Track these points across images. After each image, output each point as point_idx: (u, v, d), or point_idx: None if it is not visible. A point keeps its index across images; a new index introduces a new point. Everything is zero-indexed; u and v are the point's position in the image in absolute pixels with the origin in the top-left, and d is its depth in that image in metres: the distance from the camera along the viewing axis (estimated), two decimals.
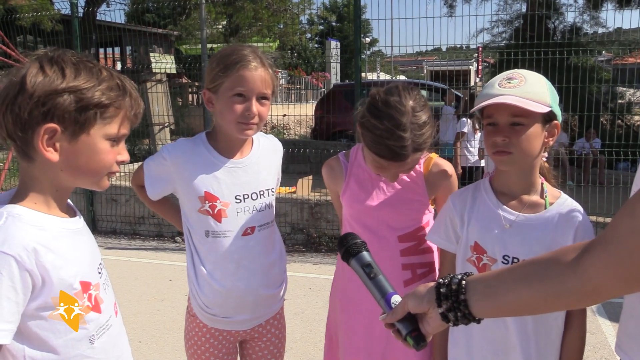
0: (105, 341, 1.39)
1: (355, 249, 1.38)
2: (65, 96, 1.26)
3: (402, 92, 1.78)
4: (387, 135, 1.71)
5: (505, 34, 13.24)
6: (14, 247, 1.21)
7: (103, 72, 1.32)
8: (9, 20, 9.79)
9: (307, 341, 4.13)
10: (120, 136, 1.36)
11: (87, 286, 1.34)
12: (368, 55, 31.79)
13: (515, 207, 1.70)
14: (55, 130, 1.26)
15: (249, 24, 19.42)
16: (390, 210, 1.95)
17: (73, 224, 1.39)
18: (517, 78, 1.62)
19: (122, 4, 19.78)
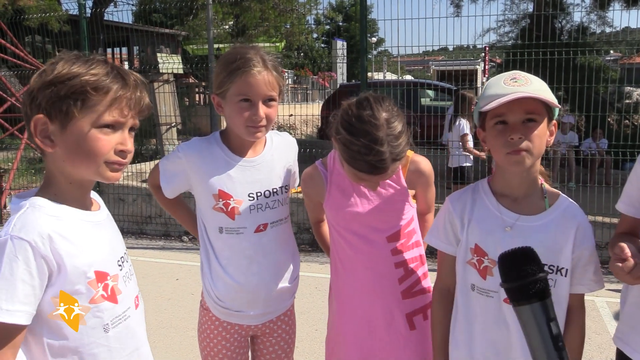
0: (120, 331, 1.43)
1: (540, 288, 0.95)
2: (50, 88, 1.31)
3: (374, 104, 1.76)
4: (365, 151, 1.69)
5: (512, 33, 13.22)
6: (30, 234, 1.27)
7: (95, 64, 1.35)
8: (18, 21, 9.84)
9: (313, 340, 4.15)
10: (114, 123, 1.35)
11: (103, 276, 1.39)
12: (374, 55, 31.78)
13: (515, 209, 1.68)
14: (45, 122, 1.32)
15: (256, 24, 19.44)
16: (375, 213, 1.95)
17: (93, 217, 1.44)
18: (521, 78, 1.62)
19: (130, 4, 19.89)
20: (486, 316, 1.70)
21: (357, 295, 2.02)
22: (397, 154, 1.74)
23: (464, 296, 1.76)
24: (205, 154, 1.97)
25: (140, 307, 1.55)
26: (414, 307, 2.00)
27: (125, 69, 1.42)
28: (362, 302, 2.01)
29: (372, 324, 2.01)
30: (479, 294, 1.71)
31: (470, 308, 1.74)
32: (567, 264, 1.65)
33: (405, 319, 1.99)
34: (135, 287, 1.54)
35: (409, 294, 2.00)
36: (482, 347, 1.72)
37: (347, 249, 2.00)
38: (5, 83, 9.61)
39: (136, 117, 1.41)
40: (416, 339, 2.00)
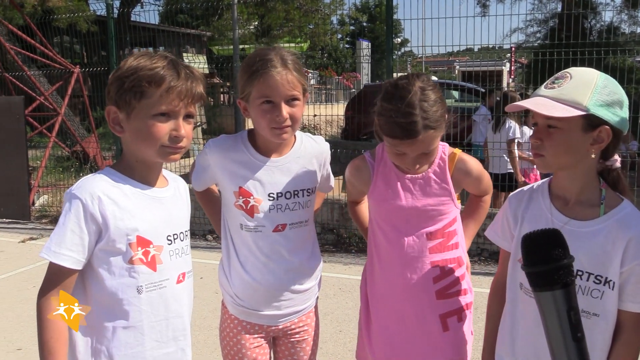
0: (153, 297, 1.60)
1: (566, 275, 0.90)
2: (118, 82, 1.56)
3: (410, 76, 1.85)
4: (396, 114, 1.77)
5: (539, 33, 13.03)
6: (83, 193, 1.52)
7: (156, 59, 1.56)
8: (47, 21, 9.99)
9: (337, 342, 4.12)
10: (168, 112, 1.55)
11: (145, 243, 1.59)
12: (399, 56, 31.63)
13: (567, 212, 1.62)
14: (115, 111, 1.57)
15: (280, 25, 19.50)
16: (418, 208, 1.95)
17: (153, 192, 1.65)
18: (564, 77, 1.57)
19: (156, 5, 20.09)
20: (529, 317, 1.66)
21: (390, 291, 2.01)
22: (430, 121, 1.77)
23: (512, 294, 1.74)
24: (230, 151, 1.99)
25: (184, 284, 1.69)
26: (448, 308, 1.98)
27: (183, 62, 1.62)
28: (395, 298, 2.01)
29: (403, 321, 2.00)
30: (525, 293, 1.68)
31: (516, 306, 1.72)
32: (615, 277, 1.55)
33: (439, 319, 1.97)
34: (185, 265, 1.70)
35: (444, 294, 1.98)
36: (524, 348, 1.70)
37: (385, 242, 2.01)
38: (35, 82, 9.77)
39: (190, 105, 1.59)
40: (449, 340, 1.98)
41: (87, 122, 10.74)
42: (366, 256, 2.16)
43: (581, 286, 1.57)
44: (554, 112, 1.50)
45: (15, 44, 10.25)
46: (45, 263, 1.53)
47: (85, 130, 11.25)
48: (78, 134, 10.61)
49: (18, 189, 7.78)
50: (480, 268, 5.85)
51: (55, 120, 9.38)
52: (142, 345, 1.59)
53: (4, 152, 7.80)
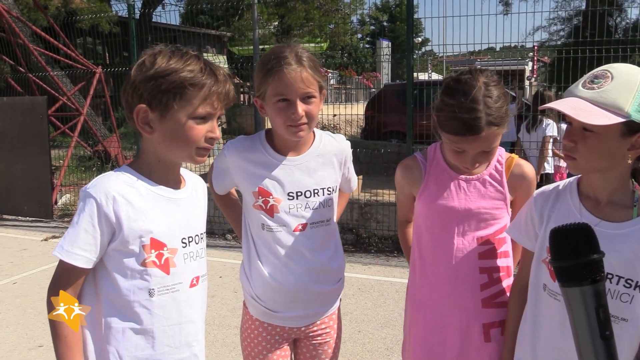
0: (165, 300, 1.57)
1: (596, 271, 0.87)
2: (152, 82, 1.50)
3: (474, 70, 1.78)
4: (459, 109, 1.70)
5: (563, 32, 12.86)
6: (98, 192, 1.49)
7: (190, 60, 1.53)
8: (70, 23, 10.11)
9: (356, 342, 4.10)
10: (206, 115, 1.54)
11: (159, 245, 1.55)
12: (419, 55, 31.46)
13: (598, 213, 1.56)
14: (146, 110, 1.52)
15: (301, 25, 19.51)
16: (470, 210, 1.87)
17: (170, 193, 1.62)
18: (604, 77, 1.46)
19: (177, 6, 20.23)
20: (552, 319, 1.62)
21: (434, 296, 1.94)
22: (494, 117, 1.71)
23: (535, 295, 1.69)
24: (248, 152, 1.97)
25: (197, 288, 1.65)
26: (493, 318, 1.90)
27: (215, 64, 1.59)
28: (438, 304, 1.93)
29: (445, 329, 1.93)
30: (549, 295, 1.63)
31: (538, 308, 1.67)
32: None
33: (482, 329, 1.89)
34: (200, 269, 1.67)
35: (490, 303, 1.90)
36: (545, 351, 1.64)
37: (432, 246, 1.94)
38: (58, 83, 9.89)
39: (223, 107, 1.58)
40: (491, 351, 1.90)
41: (108, 122, 10.86)
42: (384, 256, 2.13)
43: (610, 290, 1.52)
44: (594, 120, 1.41)
45: (39, 45, 10.39)
46: None
47: (107, 130, 11.38)
48: (100, 133, 10.73)
49: (41, 188, 7.88)
50: None
51: (78, 120, 9.49)
52: (152, 349, 1.56)
53: (28, 152, 7.91)
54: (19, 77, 10.29)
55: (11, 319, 4.64)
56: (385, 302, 4.90)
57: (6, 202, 8.07)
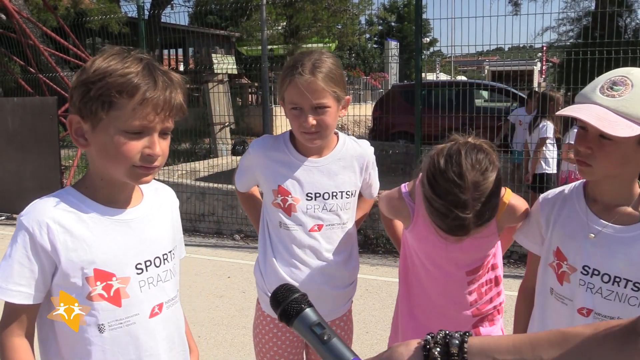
0: (119, 335, 1.39)
1: (295, 307, 1.10)
2: (83, 88, 1.31)
3: (464, 160, 1.58)
4: (445, 212, 1.58)
5: (572, 32, 12.79)
6: (30, 221, 1.33)
7: (129, 62, 1.32)
8: (80, 23, 10.18)
9: (363, 343, 4.11)
10: (140, 129, 1.31)
11: (105, 276, 1.36)
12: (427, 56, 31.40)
13: (604, 217, 1.55)
14: (79, 121, 1.34)
15: (309, 25, 19.52)
16: (460, 250, 1.85)
17: (119, 215, 1.41)
18: (623, 84, 1.43)
19: (186, 6, 20.30)
20: (559, 323, 1.62)
21: (428, 315, 1.98)
22: (484, 220, 1.61)
23: (542, 299, 1.70)
24: (272, 150, 2.01)
25: (161, 317, 1.46)
26: (481, 319, 1.96)
27: (161, 67, 1.37)
28: (433, 323, 1.94)
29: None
30: (556, 299, 1.64)
31: (546, 312, 1.68)
32: None
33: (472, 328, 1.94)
34: (162, 295, 1.47)
35: (481, 312, 1.95)
36: None
37: (424, 275, 1.96)
38: (68, 83, 9.95)
39: (167, 119, 1.35)
40: None
41: None
42: (392, 257, 2.14)
43: (618, 293, 1.52)
44: (619, 131, 1.38)
45: (49, 45, 10.47)
46: None
47: None
48: None
49: (51, 188, 7.87)
50: (509, 271, 5.76)
51: None
52: None
53: (38, 152, 7.96)
54: (29, 77, 10.37)
55: None
56: (393, 303, 4.87)
57: (16, 202, 8.12)
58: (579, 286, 1.57)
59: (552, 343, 0.92)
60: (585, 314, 1.56)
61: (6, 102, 8.42)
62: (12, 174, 7.56)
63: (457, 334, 0.97)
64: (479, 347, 0.95)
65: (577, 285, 1.58)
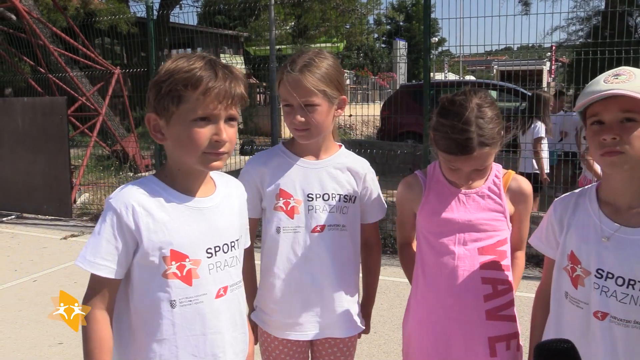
0: (188, 312, 1.53)
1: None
2: (156, 88, 1.49)
3: (468, 92, 1.83)
4: (452, 130, 1.75)
5: (581, 32, 12.72)
6: (118, 202, 1.48)
7: (193, 60, 1.48)
8: (89, 24, 10.22)
9: (371, 343, 4.10)
10: (207, 116, 1.46)
11: (180, 257, 1.51)
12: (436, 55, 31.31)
13: (618, 219, 1.55)
14: (156, 118, 1.51)
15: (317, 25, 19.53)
16: (470, 221, 1.90)
17: (194, 203, 1.57)
18: (625, 74, 1.49)
19: (194, 7, 20.35)
20: (574, 327, 1.61)
21: (437, 308, 1.94)
22: (486, 138, 1.75)
23: (557, 303, 1.69)
24: (269, 161, 2.02)
25: (225, 298, 1.60)
26: (498, 332, 1.89)
27: (223, 62, 1.53)
28: (442, 319, 1.92)
29: (449, 342, 1.92)
30: (571, 303, 1.62)
31: (561, 316, 1.67)
32: None
33: (487, 342, 1.88)
34: (228, 278, 1.61)
35: (494, 315, 1.89)
36: None
37: (434, 258, 1.94)
38: (77, 83, 10.00)
39: (230, 107, 1.50)
40: None
41: (126, 122, 10.96)
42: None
43: (633, 296, 1.50)
44: None
45: (58, 45, 10.53)
46: None
47: (125, 130, 11.49)
48: (118, 133, 10.83)
49: (60, 187, 7.98)
50: None
51: (97, 120, 9.59)
52: (176, 358, 1.54)
53: (48, 151, 8.01)
54: (39, 77, 10.43)
55: (32, 316, 4.70)
56: (402, 304, 4.88)
57: (26, 201, 8.19)
58: (594, 289, 1.56)
59: None
60: (601, 318, 1.55)
61: (16, 102, 8.48)
62: (22, 173, 7.61)
63: None
64: None
65: (592, 288, 1.56)
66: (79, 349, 1.55)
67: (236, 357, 1.67)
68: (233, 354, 1.65)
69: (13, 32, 10.25)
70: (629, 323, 1.51)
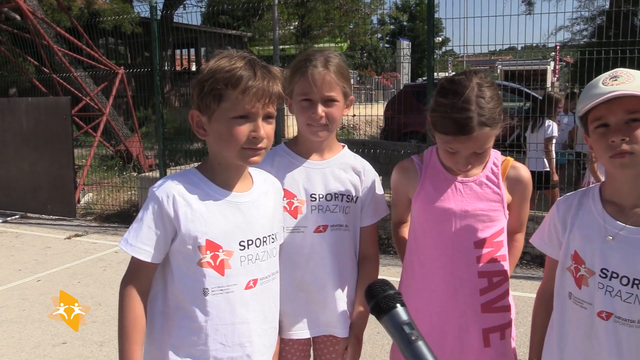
0: (219, 300, 1.60)
1: (388, 303, 1.16)
2: (199, 86, 1.57)
3: (468, 72, 1.79)
4: (451, 109, 1.71)
5: (586, 31, 12.68)
6: (161, 191, 1.57)
7: (235, 60, 1.55)
8: (93, 24, 10.25)
9: (375, 343, 4.09)
10: (246, 113, 1.53)
11: (214, 247, 1.59)
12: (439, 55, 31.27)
13: (622, 219, 1.54)
14: (199, 115, 1.60)
15: (321, 25, 19.52)
16: (467, 212, 1.86)
17: (232, 197, 1.65)
18: (623, 75, 1.49)
19: (198, 7, 20.37)
20: (578, 327, 1.61)
21: (432, 300, 1.92)
22: (487, 118, 1.71)
23: (560, 303, 1.68)
24: (274, 162, 2.01)
25: (254, 290, 1.65)
26: (492, 323, 1.89)
27: (262, 62, 1.60)
28: (437, 309, 1.91)
29: (443, 333, 1.91)
30: (575, 303, 1.62)
31: (564, 316, 1.66)
32: None
33: (481, 334, 1.88)
34: (259, 271, 1.67)
35: (489, 308, 1.88)
36: (572, 359, 1.63)
37: (430, 249, 1.93)
38: (81, 83, 10.03)
39: (268, 105, 1.56)
40: (491, 357, 1.89)
41: (130, 122, 10.98)
42: None
43: (638, 296, 1.50)
44: None
45: (62, 45, 10.55)
46: (91, 259, 1.56)
47: (129, 130, 11.51)
48: (122, 133, 10.86)
49: (64, 187, 8.00)
50: (522, 272, 5.73)
51: (100, 120, 9.62)
52: (205, 345, 1.60)
53: (52, 151, 8.03)
54: (43, 77, 10.46)
55: (35, 315, 4.71)
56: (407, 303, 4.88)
57: (30, 201, 8.21)
58: (598, 289, 1.55)
59: None
60: (605, 318, 1.54)
61: (20, 102, 8.50)
62: (26, 173, 7.64)
63: None
64: None
65: (596, 288, 1.56)
66: (83, 349, 1.55)
67: (266, 349, 1.71)
68: (261, 346, 1.69)
69: (17, 32, 10.28)
70: (633, 323, 1.51)
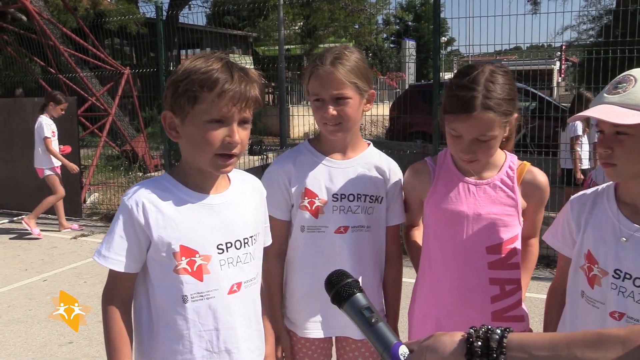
0: (200, 307, 1.56)
1: (347, 291, 1.21)
2: (173, 86, 1.50)
3: (487, 63, 1.78)
4: (457, 87, 1.72)
5: (592, 31, 12.63)
6: (131, 200, 1.53)
7: (211, 62, 1.48)
8: (98, 24, 10.27)
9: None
10: (221, 118, 1.47)
11: (189, 252, 1.54)
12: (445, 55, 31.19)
13: (636, 220, 1.53)
14: (171, 116, 1.53)
15: (326, 25, 19.51)
16: (481, 215, 1.82)
17: (206, 199, 1.59)
18: (627, 81, 1.46)
19: (203, 7, 20.41)
20: (590, 326, 1.58)
21: (443, 307, 1.89)
22: (491, 101, 1.68)
23: (573, 301, 1.67)
24: (296, 160, 2.00)
25: (238, 294, 1.61)
26: None
27: (239, 64, 1.54)
28: (447, 315, 1.88)
29: (445, 321, 1.89)
30: (587, 302, 1.61)
31: (576, 315, 1.65)
32: None
33: None
34: (242, 274, 1.62)
35: (500, 317, 1.84)
36: None
37: (440, 253, 1.89)
38: (87, 83, 10.06)
39: (244, 110, 1.50)
40: None
41: (136, 122, 11.00)
42: (407, 256, 2.10)
43: None
44: (625, 119, 1.40)
45: (68, 46, 10.58)
46: None
47: (135, 130, 11.53)
48: (127, 133, 10.88)
49: (70, 187, 8.01)
50: None
51: (106, 120, 9.64)
52: (191, 353, 1.57)
53: None
54: (49, 78, 10.50)
55: (42, 315, 4.72)
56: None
57: (37, 201, 8.21)
58: (611, 290, 1.54)
59: (588, 342, 0.96)
60: (617, 318, 1.53)
61: (27, 103, 8.52)
62: (33, 173, 7.64)
63: (499, 329, 1.03)
64: (518, 343, 1.00)
65: (609, 289, 1.55)
66: (89, 348, 1.56)
67: (251, 353, 1.67)
68: (248, 350, 1.66)
69: (24, 33, 10.32)
70: None
